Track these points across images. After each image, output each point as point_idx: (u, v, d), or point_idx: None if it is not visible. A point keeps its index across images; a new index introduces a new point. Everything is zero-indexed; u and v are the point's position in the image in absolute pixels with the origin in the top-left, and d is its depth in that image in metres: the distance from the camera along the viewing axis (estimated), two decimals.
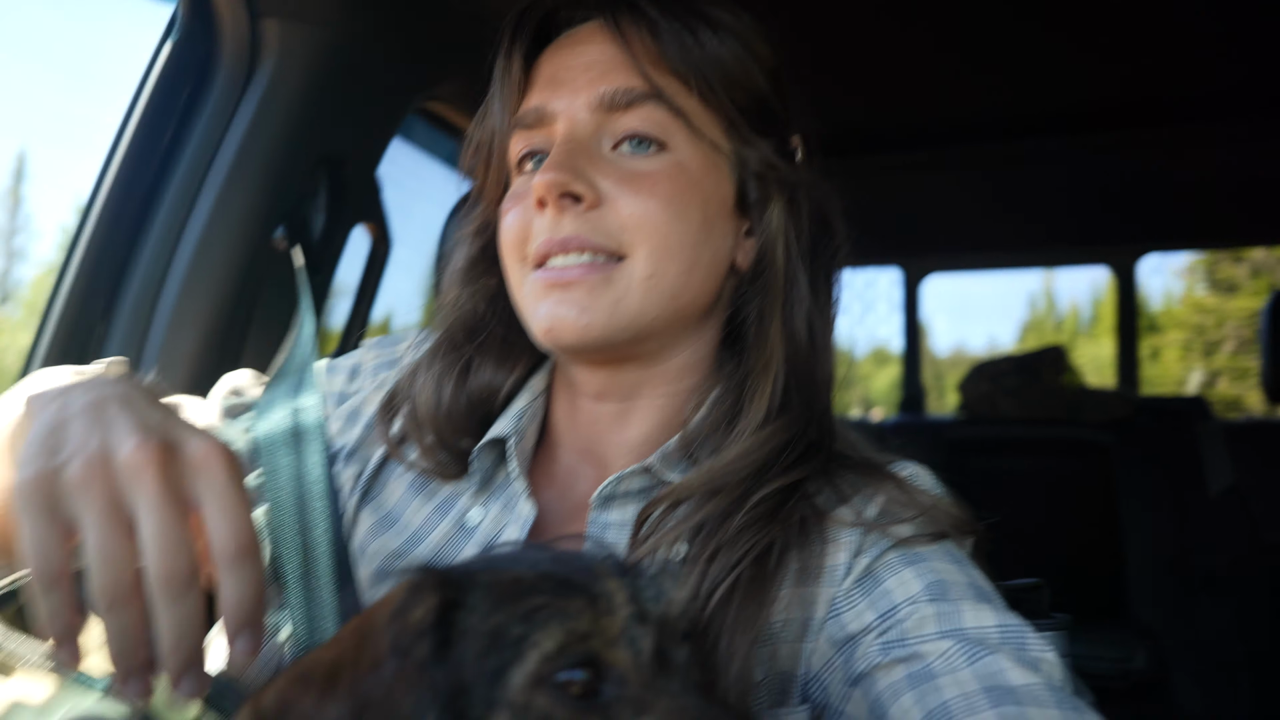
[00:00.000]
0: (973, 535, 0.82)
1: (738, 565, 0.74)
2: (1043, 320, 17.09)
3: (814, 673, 0.77)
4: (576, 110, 0.82)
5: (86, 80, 3.96)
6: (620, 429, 0.87)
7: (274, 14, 1.37)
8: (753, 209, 0.88)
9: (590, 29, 0.86)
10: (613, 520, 0.82)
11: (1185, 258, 14.39)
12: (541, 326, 0.81)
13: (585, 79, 0.82)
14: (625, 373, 0.85)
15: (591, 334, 0.79)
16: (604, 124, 0.82)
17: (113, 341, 1.37)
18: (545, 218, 0.80)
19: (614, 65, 0.82)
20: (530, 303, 0.82)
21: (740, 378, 0.84)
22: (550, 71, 0.85)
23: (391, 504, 0.88)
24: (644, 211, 0.79)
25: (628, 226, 0.79)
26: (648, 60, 0.82)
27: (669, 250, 0.80)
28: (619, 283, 0.79)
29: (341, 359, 1.00)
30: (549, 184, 0.78)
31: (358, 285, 1.84)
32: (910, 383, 3.53)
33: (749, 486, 0.77)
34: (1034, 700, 0.64)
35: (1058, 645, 1.03)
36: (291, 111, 1.42)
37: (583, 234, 0.78)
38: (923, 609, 0.72)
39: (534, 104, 0.84)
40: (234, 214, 1.40)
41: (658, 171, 0.81)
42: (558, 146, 0.81)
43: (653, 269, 0.80)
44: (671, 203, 0.80)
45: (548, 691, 0.48)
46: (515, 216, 0.83)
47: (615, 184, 0.80)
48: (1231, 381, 13.25)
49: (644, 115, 0.82)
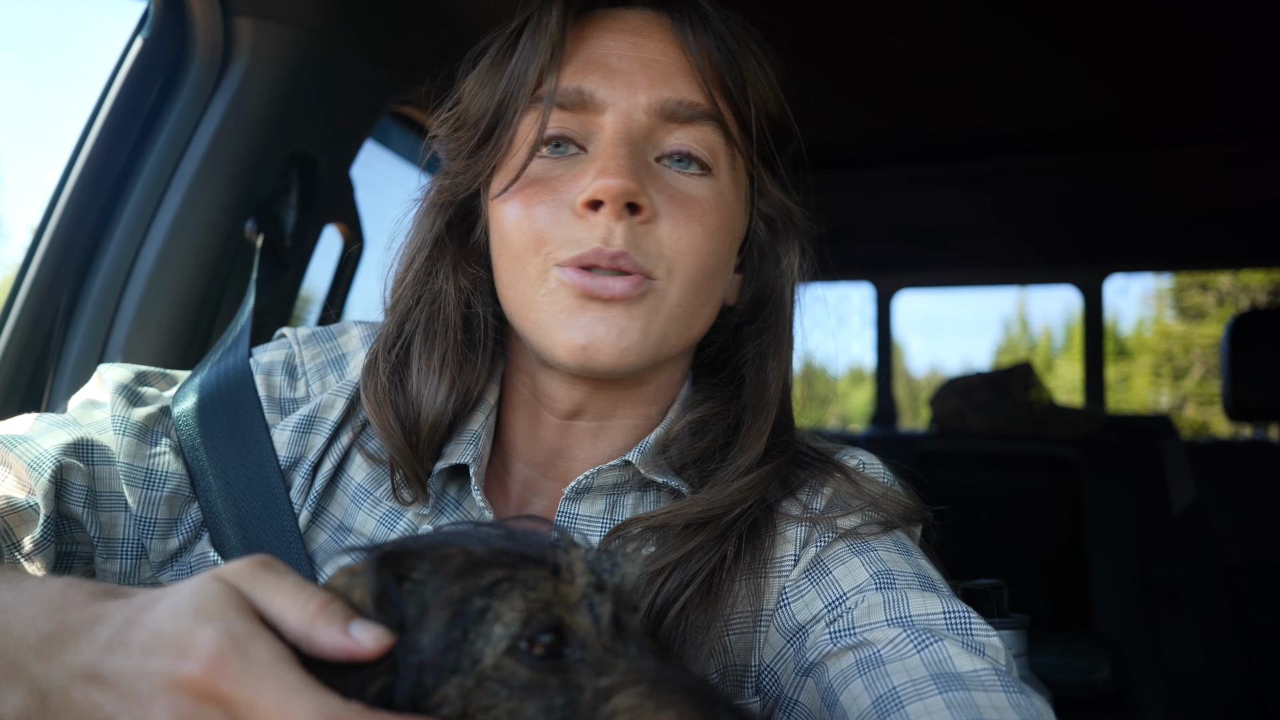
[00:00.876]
0: (921, 523, 0.83)
1: (691, 582, 0.75)
2: (1017, 342, 17.31)
3: (766, 663, 0.77)
4: (633, 109, 0.76)
5: (58, 75, 3.84)
6: (590, 446, 0.85)
7: (247, 13, 1.37)
8: (754, 248, 0.88)
9: (646, 19, 0.80)
10: (581, 513, 0.82)
11: (1153, 284, 14.64)
12: (574, 342, 0.74)
13: (646, 77, 0.77)
14: (606, 393, 0.83)
15: (628, 360, 0.75)
16: (654, 131, 0.77)
17: (76, 335, 1.36)
18: (593, 223, 0.73)
19: (677, 72, 0.78)
20: (553, 307, 0.75)
21: (737, 413, 0.83)
22: (602, 54, 0.78)
23: (342, 516, 0.85)
24: (690, 240, 0.76)
25: (668, 251, 0.76)
26: (710, 76, 0.78)
27: (699, 282, 0.78)
28: (650, 305, 0.76)
29: (271, 356, 0.91)
30: (620, 191, 0.72)
31: (329, 285, 1.84)
32: (882, 397, 3.56)
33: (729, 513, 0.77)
34: (980, 685, 0.65)
35: (1016, 644, 1.05)
36: (263, 110, 1.42)
37: (632, 252, 0.74)
38: (870, 597, 0.73)
39: (579, 84, 0.76)
40: (203, 210, 1.40)
41: (705, 200, 0.78)
42: (615, 146, 0.75)
43: (682, 298, 0.77)
44: (713, 235, 0.78)
45: (512, 655, 0.49)
46: (538, 209, 0.75)
47: (665, 202, 0.76)
48: (1199, 407, 13.46)
49: (700, 135, 0.78)
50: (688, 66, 0.78)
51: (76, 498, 0.76)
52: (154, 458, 0.81)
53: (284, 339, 0.94)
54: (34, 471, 0.73)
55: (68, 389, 1.34)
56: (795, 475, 0.83)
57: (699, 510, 0.76)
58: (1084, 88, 2.20)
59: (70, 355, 1.34)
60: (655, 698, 0.48)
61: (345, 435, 0.86)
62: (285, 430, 0.85)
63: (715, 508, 0.76)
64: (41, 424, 0.79)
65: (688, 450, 0.82)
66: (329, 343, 0.93)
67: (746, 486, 0.77)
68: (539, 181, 0.77)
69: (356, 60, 1.52)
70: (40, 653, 0.47)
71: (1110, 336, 15.31)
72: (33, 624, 0.48)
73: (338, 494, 0.86)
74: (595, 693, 0.49)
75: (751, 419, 0.82)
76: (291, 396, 0.89)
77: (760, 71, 0.81)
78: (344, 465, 0.86)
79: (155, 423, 0.83)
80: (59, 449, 0.75)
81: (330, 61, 1.48)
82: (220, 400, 0.84)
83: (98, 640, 0.46)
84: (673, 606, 0.74)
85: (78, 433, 0.79)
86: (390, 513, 0.83)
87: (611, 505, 0.83)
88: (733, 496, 0.77)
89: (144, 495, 0.79)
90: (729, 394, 0.85)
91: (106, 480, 0.79)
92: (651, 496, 0.84)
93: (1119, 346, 15.21)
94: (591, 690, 0.49)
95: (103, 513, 0.78)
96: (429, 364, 0.82)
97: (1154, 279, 14.63)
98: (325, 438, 0.85)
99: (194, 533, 0.82)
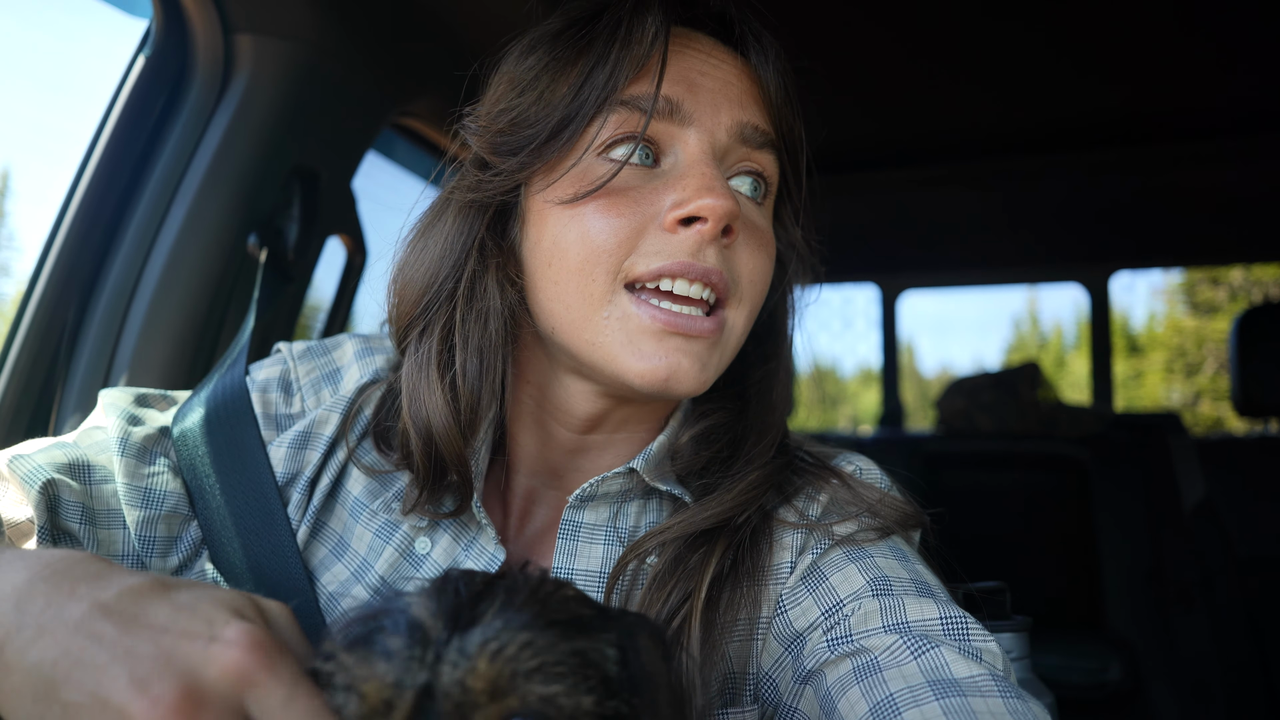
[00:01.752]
0: (919, 528, 0.83)
1: (693, 592, 0.75)
2: (1027, 340, 17.22)
3: (765, 671, 0.78)
4: (718, 128, 0.76)
5: (62, 94, 3.87)
6: (597, 457, 0.86)
7: (248, 29, 1.39)
8: None
9: (715, 44, 0.81)
10: (585, 521, 0.82)
11: (1165, 280, 14.57)
12: (657, 374, 0.73)
13: (726, 98, 0.77)
14: (628, 407, 0.84)
15: (705, 386, 0.77)
16: (730, 153, 0.78)
17: (84, 351, 1.38)
18: (684, 238, 0.72)
19: (751, 98, 0.79)
20: (622, 333, 0.73)
21: (743, 428, 0.84)
22: (683, 69, 0.77)
23: (341, 529, 0.86)
24: (761, 269, 0.78)
25: (743, 278, 0.77)
26: (776, 109, 0.80)
27: (755, 310, 0.80)
28: (725, 339, 0.78)
29: (266, 373, 0.91)
30: (726, 213, 0.71)
31: (333, 297, 1.85)
32: (889, 398, 3.56)
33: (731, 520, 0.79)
34: (977, 691, 0.65)
35: (1019, 646, 1.05)
36: (265, 125, 1.43)
37: (723, 270, 0.74)
38: (867, 604, 0.73)
39: (668, 93, 0.75)
40: (207, 225, 1.41)
41: (767, 229, 0.80)
42: (705, 164, 0.74)
43: (745, 325, 0.79)
44: (770, 263, 0.80)
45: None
46: (620, 221, 0.73)
47: (742, 228, 0.77)
48: (1213, 402, 13.37)
49: (766, 161, 0.80)
50: (758, 94, 0.79)
51: (71, 514, 0.76)
52: (152, 477, 0.82)
53: (279, 354, 0.95)
54: (27, 486, 0.74)
55: (75, 404, 1.35)
56: (792, 482, 0.84)
57: (706, 515, 0.77)
58: (1085, 85, 2.20)
59: (78, 371, 1.36)
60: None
61: (341, 450, 0.87)
62: (281, 447, 0.86)
63: (723, 516, 0.77)
64: (40, 445, 0.80)
65: (693, 460, 0.82)
66: (323, 357, 0.93)
67: (748, 489, 0.79)
68: (620, 193, 0.74)
69: (357, 73, 1.53)
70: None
71: (1122, 333, 15.19)
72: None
73: (336, 508, 0.86)
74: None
75: (757, 437, 0.83)
76: (288, 412, 0.90)
77: (795, 105, 0.83)
78: (341, 479, 0.87)
79: (154, 443, 0.84)
80: (52, 465, 0.77)
81: (331, 75, 1.49)
82: (218, 419, 0.85)
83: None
84: (675, 618, 0.74)
85: (74, 453, 0.80)
86: (386, 525, 0.84)
87: (615, 513, 0.83)
88: (738, 499, 0.78)
89: (143, 514, 0.80)
90: (736, 409, 0.86)
91: (104, 499, 0.80)
92: (654, 504, 0.84)
93: (1131, 343, 15.11)
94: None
95: (101, 530, 0.79)
96: (477, 365, 0.79)
97: (1165, 274, 14.55)
98: (321, 453, 0.86)
99: (194, 550, 0.83)
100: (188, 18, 1.37)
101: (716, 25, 0.83)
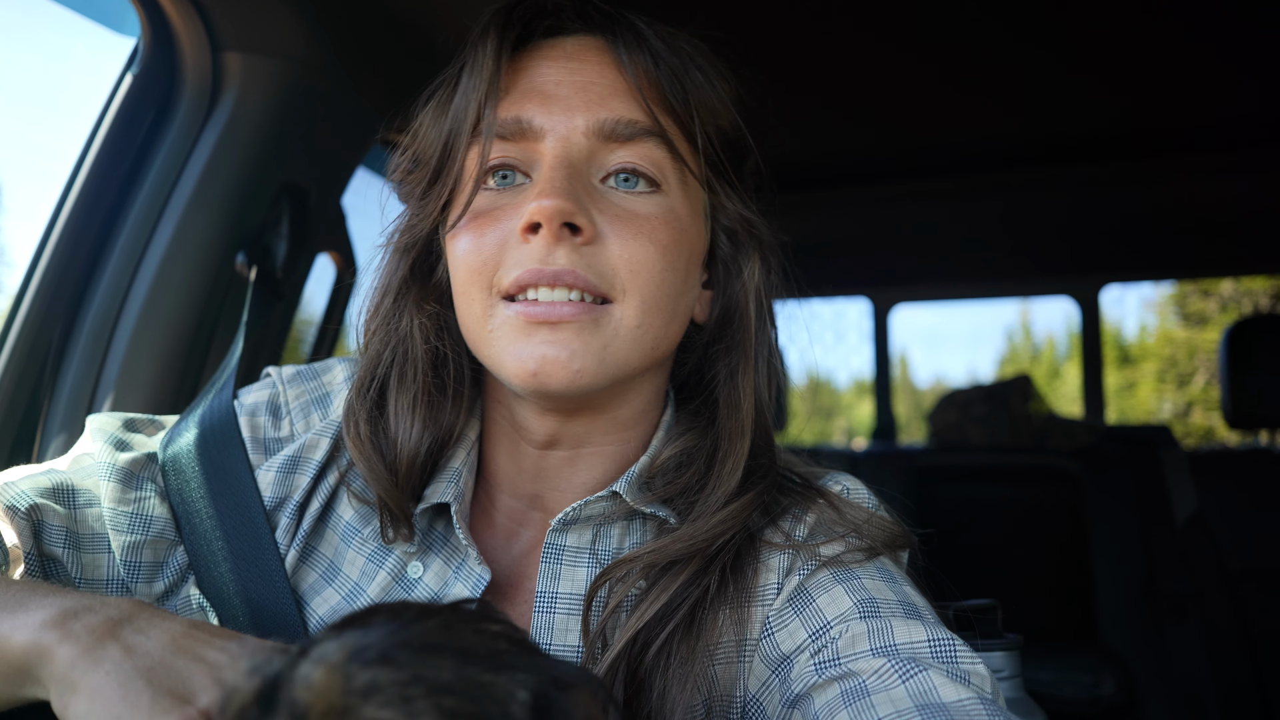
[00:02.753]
0: (906, 548, 0.83)
1: (674, 614, 0.74)
2: (1020, 351, 17.29)
3: (752, 694, 0.77)
4: (571, 132, 0.76)
5: (50, 111, 3.82)
6: (569, 475, 0.85)
7: (236, 47, 1.39)
8: (719, 263, 0.87)
9: (583, 44, 0.81)
10: (568, 544, 0.82)
11: (1156, 291, 14.65)
12: (524, 368, 0.73)
13: (582, 100, 0.77)
14: (578, 421, 0.82)
15: (583, 380, 0.74)
16: (596, 153, 0.77)
17: (69, 370, 1.37)
18: (533, 246, 0.73)
19: (615, 92, 0.77)
20: (502, 339, 0.75)
21: (714, 438, 0.82)
22: (539, 82, 0.78)
23: (331, 554, 0.85)
24: (642, 257, 0.75)
25: (621, 271, 0.75)
26: (650, 93, 0.77)
27: (658, 301, 0.76)
28: (607, 328, 0.75)
29: (255, 397, 0.92)
30: (553, 210, 0.71)
31: (323, 314, 1.85)
32: (882, 411, 3.56)
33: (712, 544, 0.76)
34: (965, 715, 0.65)
35: (1010, 665, 1.04)
36: (253, 142, 1.43)
37: (577, 269, 0.73)
38: (854, 626, 0.72)
39: (517, 114, 0.77)
40: (194, 243, 1.41)
41: (654, 216, 0.77)
42: (553, 169, 0.75)
43: (641, 319, 0.76)
44: (666, 251, 0.76)
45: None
46: (484, 240, 0.76)
47: (610, 221, 0.75)
48: (1204, 413, 13.42)
49: (643, 152, 0.77)
50: (625, 86, 0.78)
51: (55, 539, 0.76)
52: (139, 502, 0.81)
53: (269, 379, 0.94)
54: (11, 511, 0.74)
55: (60, 424, 1.34)
56: (778, 502, 0.83)
57: (682, 546, 0.75)
58: (1078, 100, 2.21)
59: (63, 391, 1.35)
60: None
61: (332, 474, 0.86)
62: (270, 471, 0.85)
63: (699, 541, 0.76)
64: (25, 471, 0.80)
65: (675, 478, 0.81)
66: (313, 381, 0.93)
67: (729, 517, 0.77)
68: (485, 214, 0.77)
69: (346, 90, 1.53)
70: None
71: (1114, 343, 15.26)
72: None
73: (327, 533, 0.86)
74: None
75: (728, 444, 0.81)
76: (276, 436, 0.89)
77: (707, 86, 0.81)
78: (332, 504, 0.86)
79: (141, 468, 0.84)
80: (36, 490, 0.76)
81: (320, 92, 1.49)
82: (206, 444, 0.85)
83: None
84: (655, 641, 0.73)
85: (59, 478, 0.79)
86: (378, 550, 0.83)
87: (595, 536, 0.82)
88: (716, 529, 0.76)
89: (129, 539, 0.80)
90: (707, 419, 0.84)
91: (89, 523, 0.79)
92: (638, 525, 0.84)
93: (1123, 353, 15.18)
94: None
95: (85, 554, 0.78)
96: (402, 406, 0.82)
97: (1156, 286, 14.65)
98: (310, 477, 0.85)
99: (180, 575, 0.83)
100: (176, 35, 1.37)
101: (581, 24, 0.81)
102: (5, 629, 0.58)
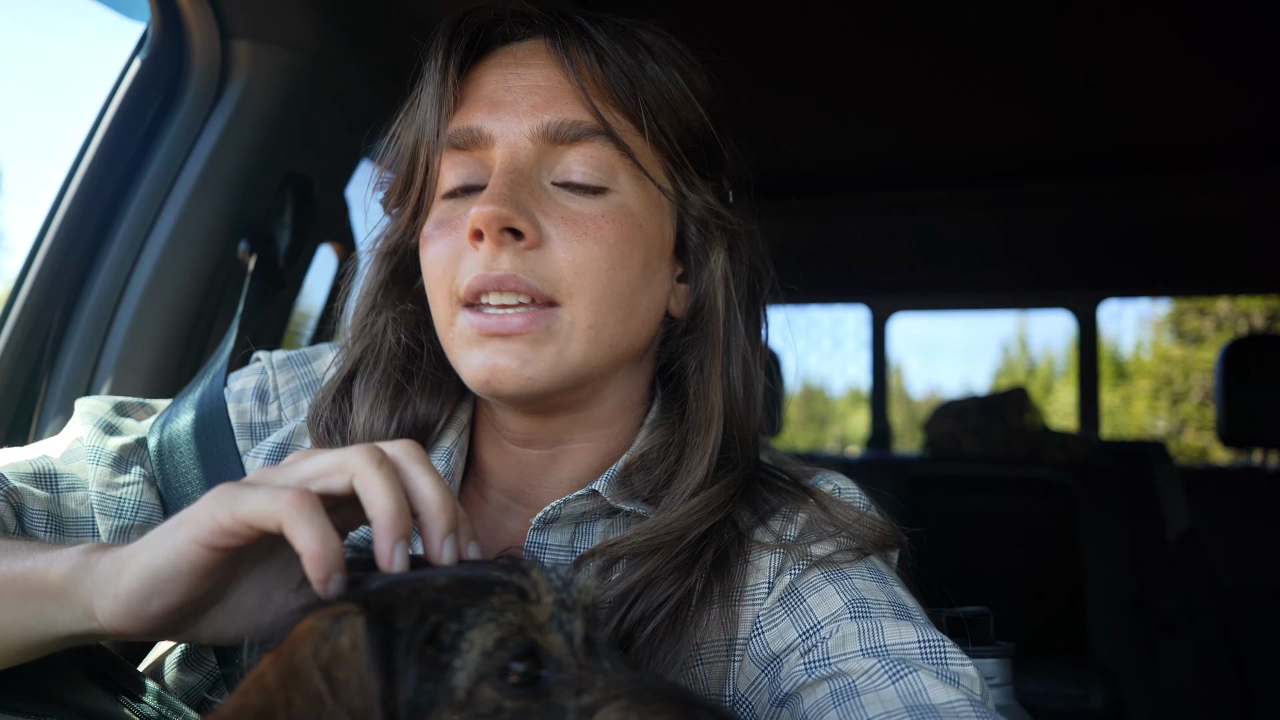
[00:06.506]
0: (897, 548, 0.83)
1: (657, 611, 0.74)
2: (1016, 365, 17.31)
3: (741, 693, 0.77)
4: (518, 137, 0.77)
5: (58, 94, 3.82)
6: (551, 472, 0.85)
7: (245, 35, 1.39)
8: (690, 255, 0.86)
9: (533, 48, 0.81)
10: (550, 542, 0.82)
11: (1152, 309, 14.68)
12: (478, 376, 0.75)
13: (528, 104, 0.77)
14: (553, 420, 0.83)
15: (535, 386, 0.75)
16: (545, 155, 0.77)
17: (69, 352, 1.36)
18: (481, 252, 0.74)
19: (559, 93, 0.78)
20: (462, 346, 0.77)
21: (684, 432, 0.82)
22: (488, 90, 0.79)
23: None
24: (587, 258, 0.75)
25: (566, 273, 0.75)
26: (595, 91, 0.77)
27: (609, 300, 0.76)
28: (560, 334, 0.75)
29: (243, 383, 0.92)
30: (490, 217, 0.72)
31: (323, 304, 1.85)
32: (877, 420, 3.57)
33: (683, 537, 0.76)
34: (954, 716, 0.65)
35: (1001, 672, 1.04)
36: (259, 130, 1.43)
37: (520, 274, 0.73)
38: (845, 626, 0.72)
39: (468, 123, 0.78)
40: (197, 229, 1.41)
41: (601, 215, 0.77)
42: (498, 175, 0.75)
43: (593, 319, 0.76)
44: (614, 249, 0.76)
45: (491, 685, 0.49)
46: (443, 247, 0.77)
47: (556, 224, 0.75)
48: (1197, 432, 13.44)
49: (590, 152, 0.77)
50: (570, 87, 0.78)
51: (37, 522, 0.76)
52: (126, 487, 0.81)
53: (258, 364, 0.94)
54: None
55: (58, 406, 1.34)
56: (768, 501, 0.83)
57: (645, 539, 0.75)
58: (1081, 113, 2.22)
59: (61, 373, 1.35)
60: (637, 709, 0.49)
61: None
62: (258, 458, 0.85)
63: (662, 532, 0.75)
64: (8, 454, 0.80)
65: (649, 477, 0.81)
66: (303, 367, 0.93)
67: (695, 509, 0.76)
68: (445, 222, 0.79)
69: (353, 82, 1.54)
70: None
71: (1110, 360, 15.25)
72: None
73: None
74: (578, 711, 0.49)
75: (695, 435, 0.81)
76: (263, 420, 0.89)
77: (665, 78, 0.80)
78: None
79: (130, 453, 0.84)
80: (15, 475, 0.76)
81: (327, 83, 1.49)
82: (195, 430, 0.85)
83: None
84: (639, 633, 0.73)
85: (40, 462, 0.79)
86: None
87: (574, 534, 0.82)
88: (681, 519, 0.76)
89: (116, 523, 0.79)
90: (678, 412, 0.84)
91: (72, 507, 0.79)
92: (620, 522, 0.83)
93: (1119, 370, 15.19)
94: (575, 710, 0.49)
95: (69, 538, 0.78)
96: (369, 396, 0.84)
97: (1153, 303, 14.67)
98: None
99: None
100: (185, 22, 1.37)
101: (526, 28, 0.82)
102: (43, 561, 0.60)
